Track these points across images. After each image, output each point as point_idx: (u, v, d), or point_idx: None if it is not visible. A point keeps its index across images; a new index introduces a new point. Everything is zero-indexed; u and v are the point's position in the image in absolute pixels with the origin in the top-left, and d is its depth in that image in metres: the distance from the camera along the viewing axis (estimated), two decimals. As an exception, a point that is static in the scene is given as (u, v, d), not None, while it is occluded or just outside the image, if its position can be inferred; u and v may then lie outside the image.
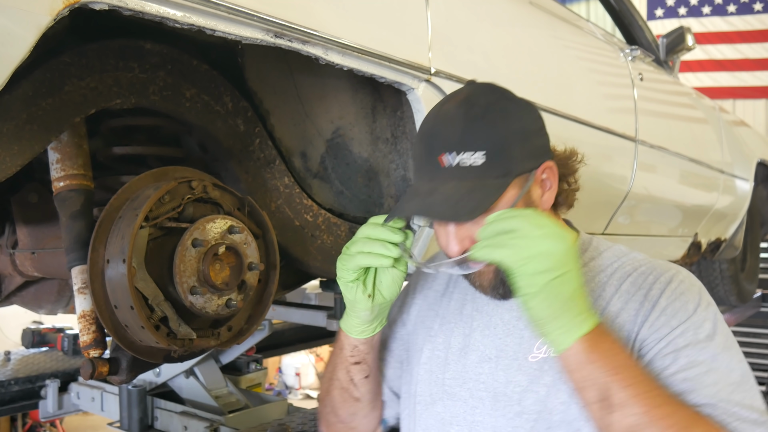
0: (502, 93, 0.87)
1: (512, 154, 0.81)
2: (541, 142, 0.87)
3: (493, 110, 0.83)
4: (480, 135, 0.81)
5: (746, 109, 6.67)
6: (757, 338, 5.55)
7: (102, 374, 1.05)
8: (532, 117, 0.86)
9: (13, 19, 0.69)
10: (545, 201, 0.87)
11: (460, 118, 0.83)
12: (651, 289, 0.84)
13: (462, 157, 0.81)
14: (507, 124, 0.82)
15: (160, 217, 1.00)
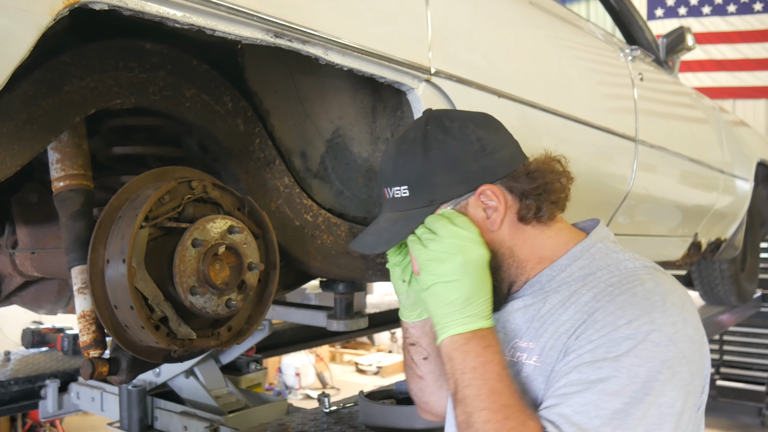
0: (438, 123, 0.90)
1: (434, 183, 0.88)
2: (477, 167, 0.87)
3: (418, 143, 0.89)
4: (402, 169, 0.90)
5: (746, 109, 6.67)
6: (757, 338, 5.56)
7: (102, 374, 1.05)
8: (465, 143, 0.87)
9: (13, 19, 0.69)
10: (492, 222, 0.88)
11: (391, 154, 0.92)
12: (602, 302, 0.81)
13: (393, 190, 0.91)
14: (429, 156, 0.88)
15: (160, 217, 1.00)
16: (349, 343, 7.47)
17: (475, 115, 0.93)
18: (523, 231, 0.91)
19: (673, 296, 0.80)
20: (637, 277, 0.83)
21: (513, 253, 0.91)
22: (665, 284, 0.82)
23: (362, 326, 1.64)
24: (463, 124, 0.89)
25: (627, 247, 0.93)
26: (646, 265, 0.87)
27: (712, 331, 3.36)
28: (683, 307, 0.79)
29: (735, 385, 5.51)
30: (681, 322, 0.77)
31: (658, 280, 0.82)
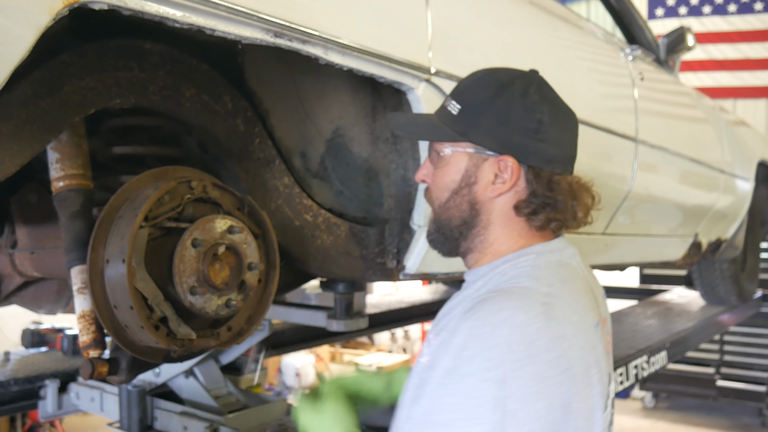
0: (525, 85, 0.90)
1: (479, 122, 0.90)
2: (518, 139, 0.88)
3: (498, 85, 0.90)
4: (469, 92, 0.92)
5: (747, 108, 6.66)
6: (758, 338, 5.55)
7: (101, 374, 1.04)
8: (527, 116, 0.88)
9: (13, 18, 0.69)
10: (493, 189, 0.90)
11: (476, 77, 0.94)
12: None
13: (451, 101, 0.93)
14: (495, 101, 0.89)
15: (159, 217, 1.00)
16: (349, 343, 7.47)
17: (560, 105, 0.93)
18: (510, 218, 0.91)
19: (532, 333, 0.76)
20: (490, 299, 0.80)
21: (487, 227, 0.92)
22: (539, 318, 0.77)
23: (362, 326, 1.64)
24: (541, 102, 0.89)
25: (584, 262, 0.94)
26: (546, 283, 0.83)
27: (712, 332, 3.36)
28: (539, 350, 0.75)
29: (735, 385, 5.50)
30: (527, 360, 0.75)
31: (535, 309, 0.78)
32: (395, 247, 1.39)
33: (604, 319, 0.93)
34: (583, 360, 0.80)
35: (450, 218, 0.94)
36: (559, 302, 0.81)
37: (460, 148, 0.92)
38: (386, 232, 1.39)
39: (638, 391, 6.10)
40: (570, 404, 0.77)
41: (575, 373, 0.78)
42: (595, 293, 0.94)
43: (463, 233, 0.93)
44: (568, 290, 0.85)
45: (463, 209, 0.92)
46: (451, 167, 0.93)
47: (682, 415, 5.87)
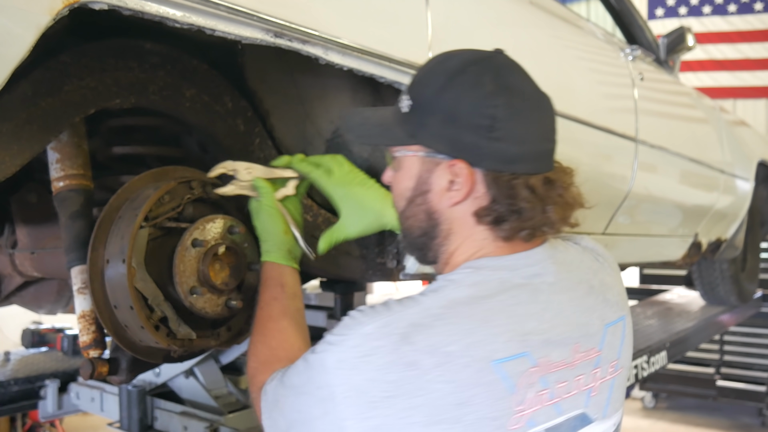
0: (481, 71, 0.79)
1: (427, 122, 0.80)
2: (470, 140, 0.77)
3: (449, 75, 0.79)
4: (419, 86, 0.83)
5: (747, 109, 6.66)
6: (758, 338, 5.55)
7: (101, 374, 1.04)
8: (477, 111, 0.76)
9: (13, 18, 0.69)
10: (449, 197, 0.80)
11: (429, 66, 0.84)
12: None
13: (402, 97, 0.84)
14: (443, 95, 0.79)
15: (159, 217, 1.00)
16: (349, 343, 7.47)
17: (524, 93, 0.80)
18: (472, 227, 0.81)
19: (369, 348, 0.71)
20: (391, 306, 0.76)
21: (449, 237, 0.83)
22: (387, 337, 0.71)
23: (362, 326, 1.63)
24: (496, 92, 0.77)
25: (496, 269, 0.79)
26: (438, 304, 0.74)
27: (712, 332, 3.36)
28: (368, 366, 0.70)
29: (735, 385, 5.50)
30: (350, 369, 0.73)
31: (390, 327, 0.72)
32: (395, 247, 1.38)
33: (592, 349, 0.81)
34: (450, 395, 0.69)
35: (410, 228, 0.86)
36: (436, 329, 0.71)
37: (411, 152, 0.83)
38: (386, 232, 1.39)
39: (638, 391, 6.10)
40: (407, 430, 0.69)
41: (428, 404, 0.69)
42: (585, 317, 0.81)
43: (426, 243, 0.85)
44: (471, 316, 0.73)
45: (420, 219, 0.84)
46: (404, 173, 0.84)
47: (682, 415, 5.87)
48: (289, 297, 1.00)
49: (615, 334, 0.85)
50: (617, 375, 0.85)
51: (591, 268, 0.87)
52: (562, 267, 0.82)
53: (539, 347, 0.75)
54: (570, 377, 0.77)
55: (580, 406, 0.79)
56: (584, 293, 0.83)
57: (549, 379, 0.75)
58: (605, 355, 0.83)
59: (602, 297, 0.85)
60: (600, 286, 0.86)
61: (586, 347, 0.80)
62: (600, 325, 0.83)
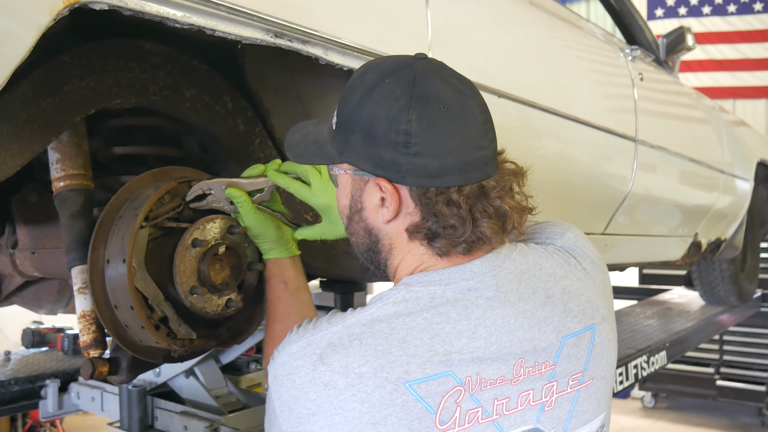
0: (396, 83, 0.75)
1: (350, 140, 0.78)
2: (390, 157, 0.74)
3: (366, 93, 0.76)
4: (343, 102, 0.79)
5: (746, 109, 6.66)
6: (757, 338, 5.55)
7: (102, 374, 1.05)
8: (391, 128, 0.74)
9: (13, 18, 0.69)
10: (382, 215, 0.79)
11: (351, 79, 0.80)
12: None
13: (334, 113, 0.81)
14: (362, 112, 0.76)
15: (160, 217, 1.00)
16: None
17: (441, 102, 0.74)
18: (407, 243, 0.79)
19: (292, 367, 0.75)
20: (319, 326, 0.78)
21: (391, 252, 0.82)
22: (306, 357, 0.74)
23: (362, 326, 1.63)
24: (408, 106, 0.73)
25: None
26: (356, 325, 0.74)
27: (711, 331, 3.36)
28: (292, 383, 0.74)
29: (735, 385, 5.50)
30: (279, 386, 0.77)
31: (311, 347, 0.75)
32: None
33: (545, 363, 0.78)
34: (365, 414, 0.70)
35: (356, 244, 0.86)
36: (350, 350, 0.72)
37: (341, 171, 0.82)
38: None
39: (638, 390, 6.10)
40: None
41: (345, 422, 0.71)
42: (534, 332, 0.77)
43: (373, 258, 0.84)
44: (387, 336, 0.72)
45: (361, 236, 0.83)
46: (341, 190, 0.84)
47: (681, 414, 5.87)
48: (292, 293, 1.03)
49: (578, 345, 0.81)
50: (583, 387, 0.81)
51: (553, 275, 0.82)
52: (508, 278, 0.78)
53: (466, 365, 0.73)
54: (513, 393, 0.75)
55: (530, 421, 0.76)
56: (538, 304, 0.79)
57: (482, 397, 0.73)
58: (563, 368, 0.79)
59: (562, 307, 0.80)
60: (561, 294, 0.81)
61: (534, 361, 0.77)
62: (555, 337, 0.79)
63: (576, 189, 1.87)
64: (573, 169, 1.81)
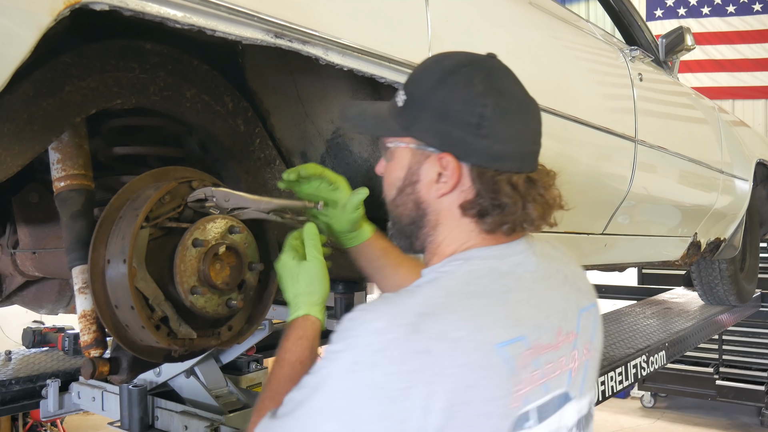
0: (473, 72, 0.83)
1: (420, 116, 0.85)
2: (459, 135, 0.81)
3: (442, 74, 0.84)
4: (415, 83, 0.88)
5: (745, 109, 6.67)
6: (757, 338, 5.56)
7: (102, 374, 1.05)
8: (467, 109, 0.81)
9: (14, 19, 0.70)
10: (437, 189, 0.84)
11: (424, 65, 0.89)
12: None
13: (398, 92, 0.89)
14: (435, 92, 0.83)
15: (160, 217, 1.00)
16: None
17: (512, 96, 0.85)
18: (457, 219, 0.85)
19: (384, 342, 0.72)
20: (392, 300, 0.77)
21: (436, 227, 0.87)
22: (399, 328, 0.73)
23: (362, 326, 1.64)
24: (486, 93, 0.82)
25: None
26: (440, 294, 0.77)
27: (711, 331, 3.37)
28: (387, 359, 0.71)
29: (734, 385, 5.51)
30: (369, 368, 0.72)
31: (399, 319, 0.74)
32: (395, 246, 1.39)
33: (571, 332, 0.86)
34: (462, 378, 0.72)
35: (400, 216, 0.90)
36: (441, 316, 0.74)
37: (403, 144, 0.88)
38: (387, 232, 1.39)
39: (637, 390, 6.11)
40: (428, 421, 0.70)
41: (445, 390, 0.71)
42: (563, 303, 0.87)
43: (413, 232, 0.89)
44: (472, 304, 0.76)
45: (409, 208, 0.88)
46: (396, 163, 0.89)
47: (681, 414, 5.87)
48: (312, 359, 0.92)
49: (588, 318, 0.92)
50: (590, 357, 0.92)
51: (562, 260, 0.94)
52: (540, 258, 0.88)
53: (532, 331, 0.79)
54: (555, 358, 0.82)
55: (563, 385, 0.84)
56: (560, 282, 0.89)
57: (540, 361, 0.79)
58: (581, 338, 0.89)
59: (575, 285, 0.92)
60: (572, 275, 0.93)
61: (567, 330, 0.85)
62: (575, 310, 0.89)
63: (575, 189, 1.88)
64: (572, 169, 1.81)
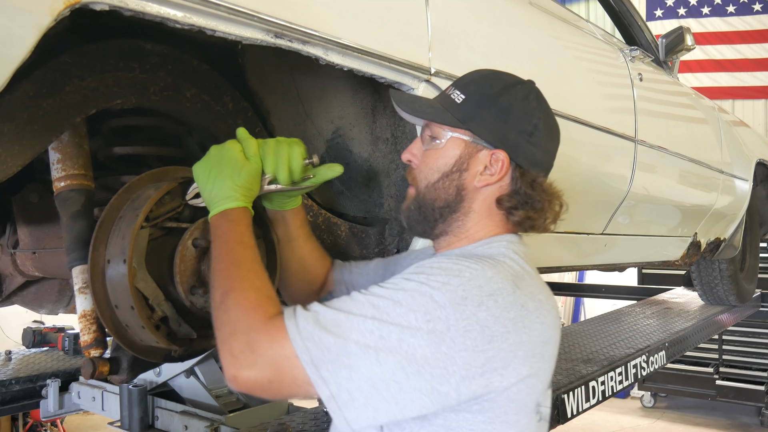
0: (527, 91, 0.98)
1: (481, 114, 0.95)
2: (514, 138, 0.94)
3: (503, 86, 0.97)
4: (476, 86, 0.97)
5: (745, 109, 6.67)
6: (757, 338, 5.56)
7: (103, 374, 1.05)
8: (525, 118, 0.95)
9: (14, 19, 0.70)
10: (480, 179, 0.95)
11: (483, 74, 1.00)
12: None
13: (453, 91, 0.98)
14: (499, 98, 0.95)
15: (160, 217, 1.00)
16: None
17: (552, 117, 1.01)
18: (490, 209, 0.96)
19: (493, 289, 0.80)
20: (487, 259, 0.86)
21: (468, 214, 0.96)
22: (505, 281, 0.82)
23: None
24: (538, 109, 0.97)
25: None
26: (518, 263, 0.89)
27: (711, 331, 3.37)
28: (494, 303, 0.79)
29: (734, 385, 5.51)
30: (476, 306, 0.77)
31: (503, 274, 0.83)
32: (395, 247, 1.39)
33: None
34: (542, 334, 0.84)
35: (435, 199, 0.97)
36: (528, 279, 0.87)
37: (458, 134, 0.96)
38: (386, 232, 1.39)
39: (637, 390, 6.11)
40: (510, 365, 0.79)
41: (529, 341, 0.82)
42: None
43: (443, 215, 0.97)
44: (534, 274, 0.90)
45: (449, 192, 0.96)
46: (446, 151, 0.97)
47: (680, 414, 5.88)
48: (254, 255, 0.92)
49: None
50: None
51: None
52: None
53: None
54: None
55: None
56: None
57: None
58: None
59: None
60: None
61: None
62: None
63: (575, 189, 1.88)
64: (572, 169, 1.81)
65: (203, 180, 0.95)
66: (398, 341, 0.74)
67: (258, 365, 0.76)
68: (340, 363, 0.74)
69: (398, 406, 0.75)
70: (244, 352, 0.77)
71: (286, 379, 0.76)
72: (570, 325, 3.17)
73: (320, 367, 0.74)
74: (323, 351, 0.74)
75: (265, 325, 0.78)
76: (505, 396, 0.80)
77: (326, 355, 0.74)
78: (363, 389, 0.74)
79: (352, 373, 0.74)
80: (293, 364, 0.75)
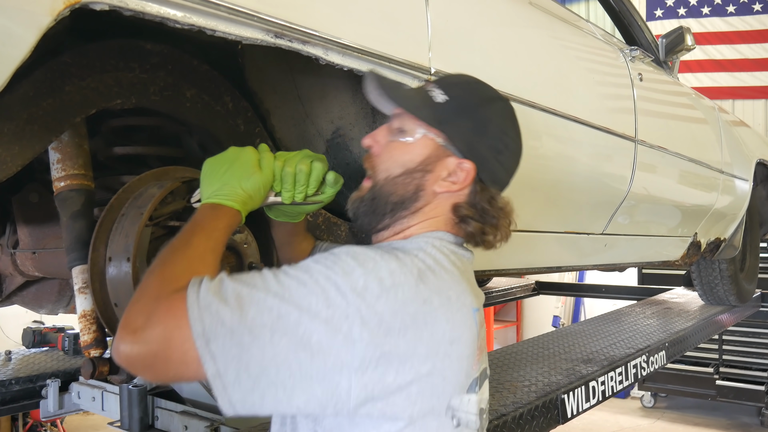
0: (509, 109, 0.99)
1: (459, 122, 0.93)
2: (483, 151, 0.93)
3: (488, 100, 0.97)
4: (459, 91, 0.96)
5: (745, 109, 6.67)
6: (757, 338, 5.56)
7: (102, 374, 1.05)
8: (498, 135, 0.95)
9: (14, 19, 0.70)
10: (440, 185, 0.93)
11: (468, 80, 1.00)
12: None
13: (437, 89, 0.95)
14: (479, 111, 0.94)
15: (162, 216, 1.00)
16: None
17: (520, 140, 1.00)
18: (443, 215, 0.94)
19: (394, 282, 0.76)
20: (398, 251, 0.83)
21: (416, 213, 0.94)
22: (408, 275, 0.78)
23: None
24: (512, 129, 0.98)
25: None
26: (433, 258, 0.85)
27: (711, 331, 3.37)
28: (393, 297, 0.75)
29: (734, 385, 5.51)
30: (375, 298, 0.74)
31: (407, 268, 0.80)
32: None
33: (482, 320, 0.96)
34: (448, 332, 0.80)
35: (391, 193, 0.94)
36: (441, 275, 0.83)
37: (432, 134, 0.94)
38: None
39: (637, 390, 6.11)
40: (407, 361, 0.75)
41: (430, 338, 0.78)
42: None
43: (393, 210, 0.94)
44: (452, 270, 0.86)
45: (408, 189, 0.94)
46: (415, 148, 0.94)
47: (680, 414, 5.88)
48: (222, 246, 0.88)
49: (476, 318, 0.99)
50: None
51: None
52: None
53: (479, 306, 0.90)
54: (483, 335, 0.93)
55: (485, 361, 0.94)
56: (471, 280, 0.97)
57: (482, 334, 0.91)
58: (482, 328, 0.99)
59: (477, 287, 1.02)
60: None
61: (482, 316, 0.97)
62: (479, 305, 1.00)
63: (575, 189, 1.88)
64: (572, 169, 1.81)
65: (211, 174, 0.93)
66: (295, 324, 0.71)
67: (146, 335, 0.70)
68: (232, 339, 0.69)
69: (286, 393, 0.70)
70: (138, 319, 0.71)
71: (174, 354, 0.70)
72: (570, 325, 3.17)
73: (210, 341, 0.69)
74: (217, 324, 0.69)
75: (172, 295, 0.72)
76: (404, 396, 0.76)
77: (219, 329, 0.69)
78: (251, 371, 0.69)
79: (243, 353, 0.69)
80: (184, 336, 0.69)
